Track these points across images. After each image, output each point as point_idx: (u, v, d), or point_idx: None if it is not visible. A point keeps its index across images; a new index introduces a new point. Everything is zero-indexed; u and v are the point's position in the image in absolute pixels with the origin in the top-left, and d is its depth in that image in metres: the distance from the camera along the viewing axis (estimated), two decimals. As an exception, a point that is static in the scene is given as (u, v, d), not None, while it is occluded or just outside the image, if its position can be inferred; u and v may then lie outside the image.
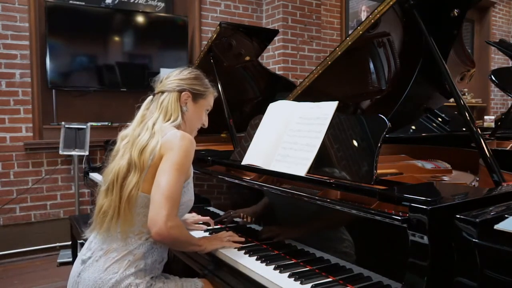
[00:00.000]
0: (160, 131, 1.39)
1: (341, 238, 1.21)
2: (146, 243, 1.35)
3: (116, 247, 1.33)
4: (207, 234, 1.64)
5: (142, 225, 1.34)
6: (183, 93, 1.49)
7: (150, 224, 1.27)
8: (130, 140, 1.42)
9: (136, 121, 1.48)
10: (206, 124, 1.61)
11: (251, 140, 1.71)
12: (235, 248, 1.42)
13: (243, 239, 1.46)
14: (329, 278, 1.16)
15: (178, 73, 1.53)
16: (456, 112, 2.75)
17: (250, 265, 1.28)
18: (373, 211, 1.07)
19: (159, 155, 1.34)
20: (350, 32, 4.56)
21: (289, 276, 1.17)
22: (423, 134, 2.73)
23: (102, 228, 1.35)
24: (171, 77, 1.52)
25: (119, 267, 1.30)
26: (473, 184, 1.56)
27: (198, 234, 1.64)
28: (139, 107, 1.52)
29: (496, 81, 2.91)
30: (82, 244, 1.42)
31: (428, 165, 1.82)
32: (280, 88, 2.88)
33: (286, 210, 1.44)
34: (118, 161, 1.39)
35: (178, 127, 1.45)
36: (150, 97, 1.53)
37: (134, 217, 1.34)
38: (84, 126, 3.46)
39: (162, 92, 1.49)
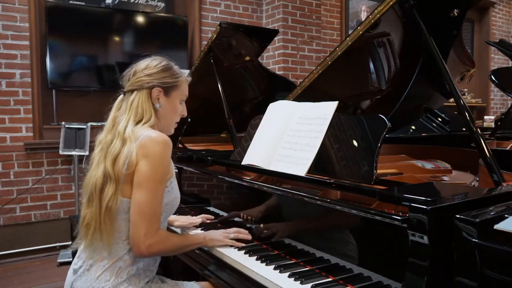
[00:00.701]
0: (132, 136, 1.31)
1: (341, 238, 1.21)
2: None
3: (106, 254, 1.31)
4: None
5: (129, 230, 1.30)
6: (154, 89, 1.39)
7: (131, 242, 1.28)
8: (103, 147, 1.35)
9: (108, 125, 1.39)
10: (185, 114, 1.51)
11: (251, 140, 1.71)
12: (235, 248, 1.43)
13: (249, 237, 1.46)
14: (329, 278, 1.16)
15: (144, 67, 1.43)
16: (456, 112, 2.74)
17: (250, 265, 1.28)
18: (373, 211, 1.07)
19: (133, 160, 1.28)
20: (350, 32, 4.56)
21: (289, 276, 1.17)
22: (423, 134, 2.72)
23: (87, 240, 1.32)
24: (138, 73, 1.42)
25: (110, 275, 1.28)
26: (473, 184, 1.56)
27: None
28: (110, 108, 1.44)
29: (496, 81, 2.90)
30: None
31: (428, 165, 1.82)
32: (280, 88, 2.88)
33: (286, 210, 1.44)
34: (94, 171, 1.33)
35: (153, 126, 1.38)
36: (121, 96, 1.44)
37: (119, 225, 1.31)
38: (84, 126, 3.46)
39: (132, 91, 1.41)
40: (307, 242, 1.30)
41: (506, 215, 0.89)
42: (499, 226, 0.85)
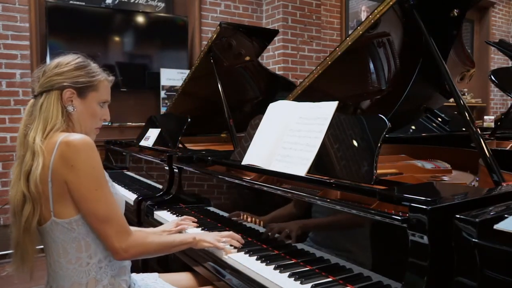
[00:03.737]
0: (44, 148, 1.16)
1: (341, 238, 1.21)
2: (90, 268, 1.22)
3: (64, 283, 1.23)
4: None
5: (76, 251, 1.20)
6: (65, 90, 1.22)
7: (111, 254, 1.22)
8: (18, 162, 1.21)
9: (19, 135, 1.23)
10: (108, 118, 1.35)
11: (251, 140, 1.71)
12: (235, 248, 1.42)
13: (239, 244, 1.42)
14: (329, 278, 1.16)
15: (55, 65, 1.25)
16: (456, 112, 2.75)
17: (250, 265, 1.28)
18: (373, 211, 1.07)
19: (59, 176, 1.15)
20: (350, 32, 4.56)
21: (289, 276, 1.17)
22: (423, 134, 2.73)
23: (22, 270, 1.24)
24: (47, 73, 1.24)
25: None
26: (473, 184, 1.56)
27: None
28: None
29: (496, 81, 2.91)
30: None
31: (428, 165, 1.82)
32: (280, 88, 2.88)
33: (286, 210, 1.44)
34: (13, 189, 1.20)
35: (66, 130, 1.23)
36: (32, 101, 1.26)
37: (64, 248, 1.20)
38: (84, 126, 3.45)
39: (41, 93, 1.23)
40: (307, 242, 1.30)
41: (506, 215, 0.89)
42: (499, 226, 0.85)
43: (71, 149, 1.14)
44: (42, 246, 1.29)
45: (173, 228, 1.65)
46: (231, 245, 1.43)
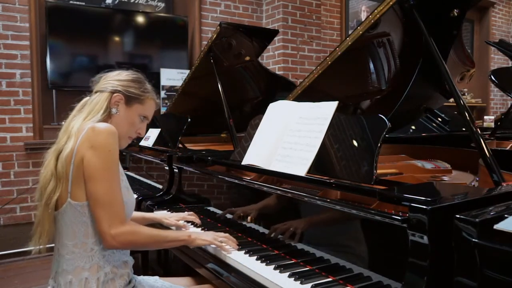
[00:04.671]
0: (77, 132, 1.27)
1: (341, 238, 1.21)
2: (94, 254, 1.27)
3: (68, 268, 1.26)
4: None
5: (84, 236, 1.26)
6: (115, 94, 1.37)
7: (102, 239, 1.25)
8: (54, 147, 1.32)
9: (65, 124, 1.35)
10: (143, 134, 1.47)
11: (251, 140, 1.71)
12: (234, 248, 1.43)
13: (236, 246, 1.42)
14: (329, 278, 1.16)
15: (116, 74, 1.42)
16: (456, 112, 2.75)
17: (250, 265, 1.29)
18: (373, 211, 1.07)
19: (80, 157, 1.23)
20: (350, 32, 4.56)
21: (289, 276, 1.17)
22: (423, 134, 2.73)
23: (37, 243, 1.30)
24: (108, 77, 1.41)
25: None
26: (473, 184, 1.56)
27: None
28: (72, 108, 1.41)
29: (496, 81, 2.91)
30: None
31: (428, 165, 1.82)
32: (280, 88, 2.88)
33: (286, 210, 1.44)
34: (45, 169, 1.30)
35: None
36: (86, 98, 1.41)
37: (73, 231, 1.26)
38: (84, 126, 3.46)
39: (95, 92, 1.40)
40: (307, 242, 1.30)
41: (506, 215, 0.89)
42: (499, 226, 0.85)
43: (95, 133, 1.25)
44: (41, 247, 1.32)
45: (173, 218, 1.69)
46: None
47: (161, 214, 1.76)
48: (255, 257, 1.33)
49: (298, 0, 4.56)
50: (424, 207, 0.93)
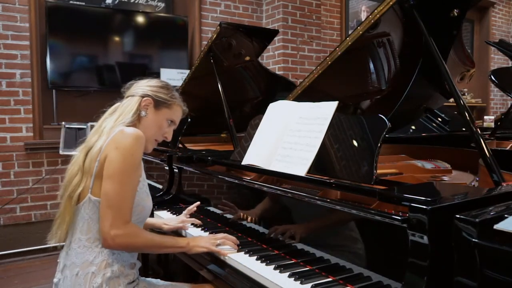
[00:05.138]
0: (108, 131, 1.36)
1: (341, 238, 1.21)
2: (104, 250, 1.31)
3: (76, 261, 1.30)
4: (206, 234, 1.64)
5: (97, 232, 1.31)
6: (145, 98, 1.46)
7: (101, 236, 1.28)
8: (84, 144, 1.41)
9: (96, 126, 1.44)
10: (169, 138, 1.55)
11: (251, 140, 1.71)
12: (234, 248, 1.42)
13: (235, 245, 1.42)
14: (329, 278, 1.16)
15: (146, 81, 1.51)
16: (456, 112, 2.75)
17: (250, 265, 1.29)
18: (373, 211, 1.07)
19: (104, 155, 1.31)
20: (350, 32, 4.56)
21: (289, 276, 1.17)
22: (423, 134, 2.73)
23: (56, 235, 1.35)
24: (139, 84, 1.50)
25: (84, 282, 1.27)
26: (473, 184, 1.56)
27: (196, 232, 1.64)
28: (103, 112, 1.48)
29: (496, 81, 2.91)
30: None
31: (428, 165, 1.82)
32: (280, 88, 2.88)
33: (286, 210, 1.44)
34: (72, 165, 1.38)
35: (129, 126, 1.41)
36: (118, 103, 1.50)
37: (88, 226, 1.31)
38: (85, 126, 3.46)
39: (127, 97, 1.49)
40: (307, 242, 1.30)
41: (506, 215, 0.89)
42: (499, 226, 0.85)
43: (123, 135, 1.32)
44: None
45: (175, 224, 1.69)
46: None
47: (161, 220, 1.76)
48: (255, 257, 1.33)
49: (298, 0, 4.56)
50: (424, 207, 0.93)
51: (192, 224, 1.74)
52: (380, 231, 1.07)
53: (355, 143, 1.35)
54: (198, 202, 1.78)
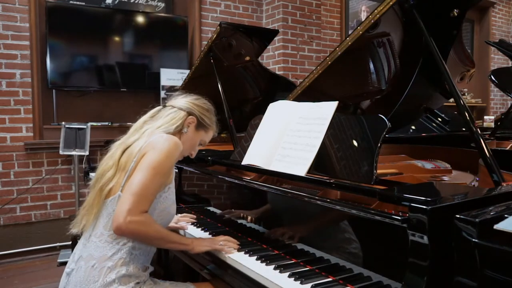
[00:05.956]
0: (149, 135, 1.42)
1: (341, 238, 1.21)
2: (124, 248, 1.33)
3: (94, 253, 1.32)
4: (206, 234, 1.64)
5: None
6: (191, 116, 1.52)
7: (113, 219, 1.29)
8: (122, 141, 1.46)
9: (136, 126, 1.50)
10: (194, 155, 1.62)
11: (251, 140, 1.71)
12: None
13: (237, 246, 1.42)
14: (329, 278, 1.16)
15: (196, 98, 1.58)
16: (456, 112, 2.75)
17: (250, 265, 1.29)
18: (373, 211, 1.07)
19: (141, 155, 1.36)
20: (350, 32, 4.56)
21: (289, 276, 1.17)
22: (423, 134, 2.73)
23: (80, 224, 1.39)
24: (187, 98, 1.56)
25: (99, 275, 1.29)
26: (473, 184, 1.56)
27: (196, 232, 1.65)
28: (145, 112, 1.54)
29: (496, 81, 2.91)
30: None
31: (428, 165, 1.82)
32: (280, 88, 2.88)
33: (286, 210, 1.44)
34: (106, 160, 1.44)
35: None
36: (159, 107, 1.55)
37: (110, 219, 1.33)
38: (84, 126, 3.46)
39: (173, 107, 1.53)
40: (307, 242, 1.30)
41: (506, 215, 0.89)
42: (499, 226, 0.85)
43: (163, 139, 1.39)
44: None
45: (173, 224, 1.71)
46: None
47: None
48: (255, 257, 1.33)
49: (298, 0, 4.55)
50: (424, 207, 0.93)
51: (191, 224, 1.74)
52: (380, 231, 1.07)
53: (355, 143, 1.35)
54: (193, 219, 1.81)
